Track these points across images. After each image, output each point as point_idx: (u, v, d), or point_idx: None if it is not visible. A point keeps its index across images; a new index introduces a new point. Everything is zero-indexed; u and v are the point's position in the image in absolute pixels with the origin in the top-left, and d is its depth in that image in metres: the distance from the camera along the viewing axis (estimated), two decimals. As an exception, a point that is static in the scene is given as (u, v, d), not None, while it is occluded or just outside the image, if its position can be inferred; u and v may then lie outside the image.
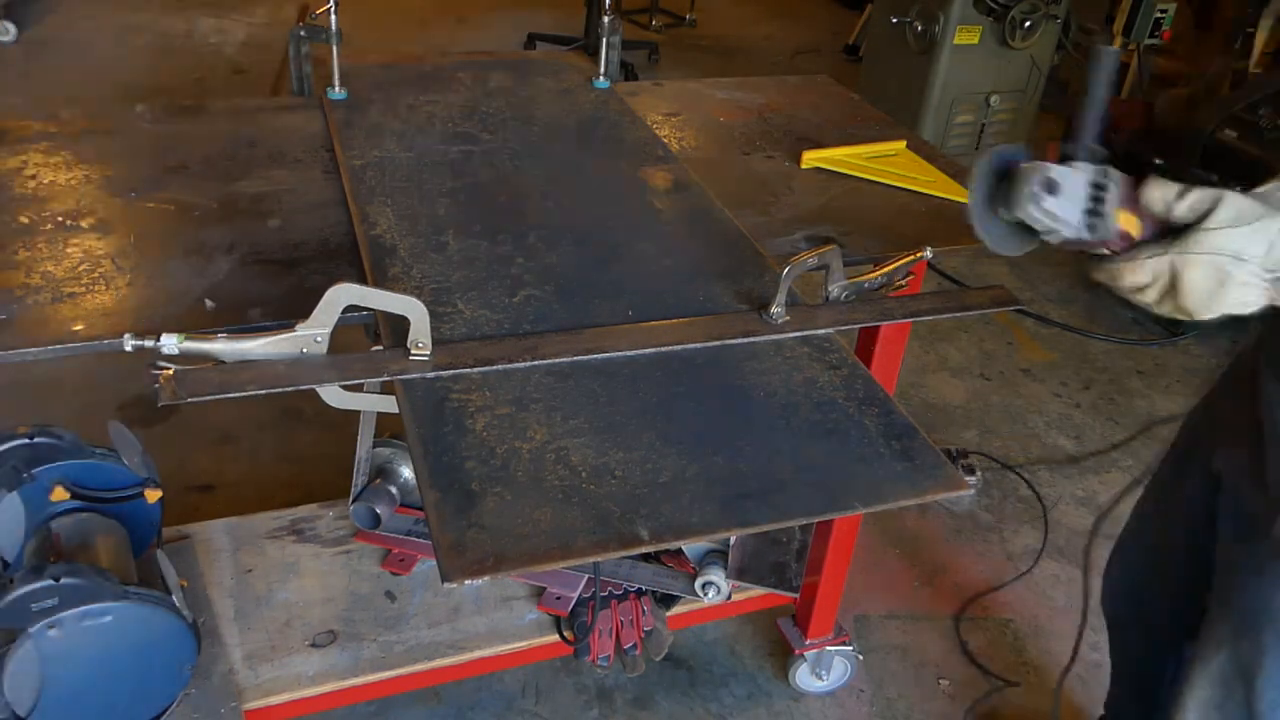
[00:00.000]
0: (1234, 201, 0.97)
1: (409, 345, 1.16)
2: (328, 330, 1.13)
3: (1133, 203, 1.03)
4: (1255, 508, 1.26)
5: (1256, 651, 1.29)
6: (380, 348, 1.18)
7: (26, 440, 1.61)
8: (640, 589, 1.93)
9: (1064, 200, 1.03)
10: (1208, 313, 1.00)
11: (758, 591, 1.97)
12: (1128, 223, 1.03)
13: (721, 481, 1.06)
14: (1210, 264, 0.96)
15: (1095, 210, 1.03)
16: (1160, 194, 0.99)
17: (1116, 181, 1.02)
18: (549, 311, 1.29)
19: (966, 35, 3.93)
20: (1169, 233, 0.99)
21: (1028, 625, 2.37)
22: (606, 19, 1.96)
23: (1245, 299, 0.98)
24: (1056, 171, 1.03)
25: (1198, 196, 0.97)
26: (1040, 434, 3.05)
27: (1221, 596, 1.37)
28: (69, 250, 1.33)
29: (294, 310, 1.17)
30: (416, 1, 6.24)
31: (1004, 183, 1.08)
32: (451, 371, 1.16)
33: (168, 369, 1.08)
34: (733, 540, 1.86)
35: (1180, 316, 1.03)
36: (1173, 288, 0.99)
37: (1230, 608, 1.35)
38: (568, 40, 5.38)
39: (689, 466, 1.07)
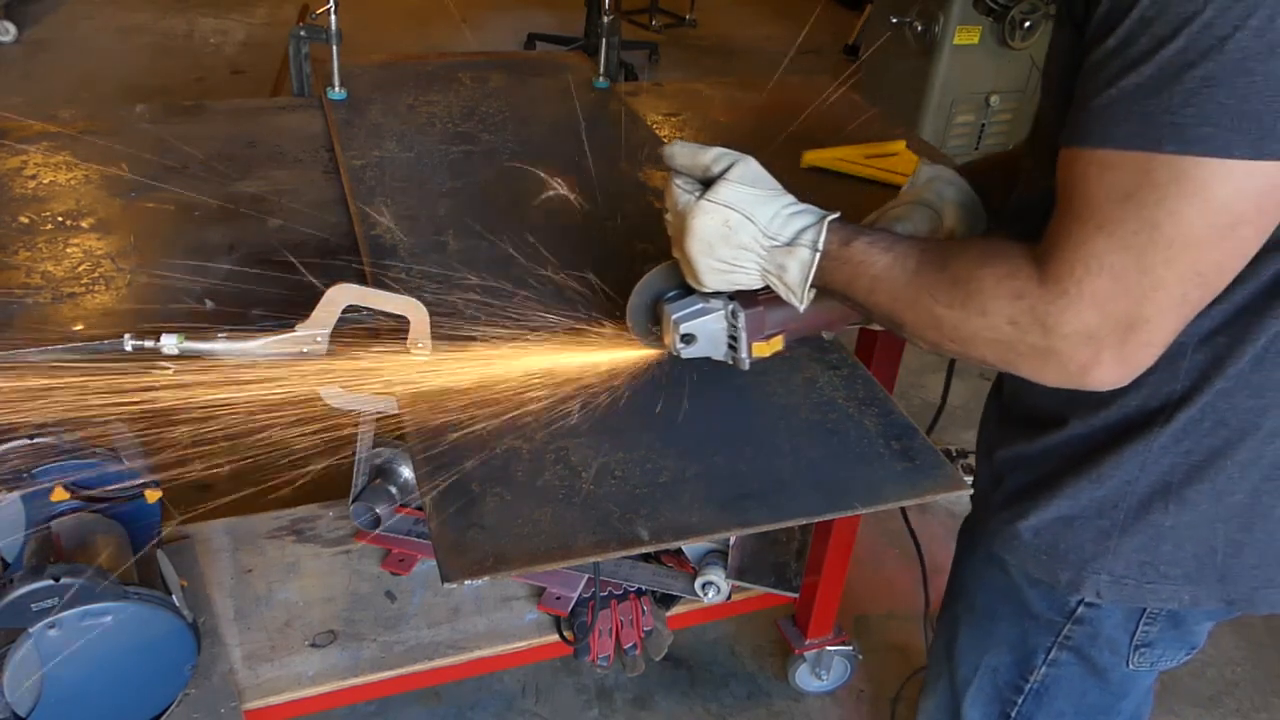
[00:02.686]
0: (753, 165, 1.00)
1: (409, 345, 1.16)
2: (328, 330, 1.13)
3: (761, 331, 1.10)
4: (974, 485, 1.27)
5: (954, 625, 1.27)
6: (380, 348, 1.18)
7: (26, 440, 1.61)
8: (640, 589, 1.93)
9: (703, 345, 1.12)
10: (706, 267, 1.02)
11: (758, 591, 1.97)
12: (762, 350, 1.11)
13: (721, 481, 1.06)
14: (720, 214, 0.98)
15: (733, 346, 1.11)
16: (686, 151, 1.02)
17: (743, 322, 1.09)
18: (549, 312, 1.29)
19: (966, 35, 3.92)
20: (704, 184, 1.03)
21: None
22: (606, 19, 1.96)
23: (741, 263, 1.01)
24: (688, 325, 1.11)
25: (722, 152, 1.01)
26: (1040, 434, 3.04)
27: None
28: (69, 250, 1.33)
29: (294, 310, 1.17)
30: (416, 1, 6.24)
31: (657, 303, 1.16)
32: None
33: (168, 369, 1.08)
34: (733, 540, 1.86)
35: (686, 270, 1.07)
36: (685, 230, 1.02)
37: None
38: (568, 40, 5.38)
39: (689, 466, 1.07)
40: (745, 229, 0.99)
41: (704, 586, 1.89)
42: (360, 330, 1.16)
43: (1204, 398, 0.94)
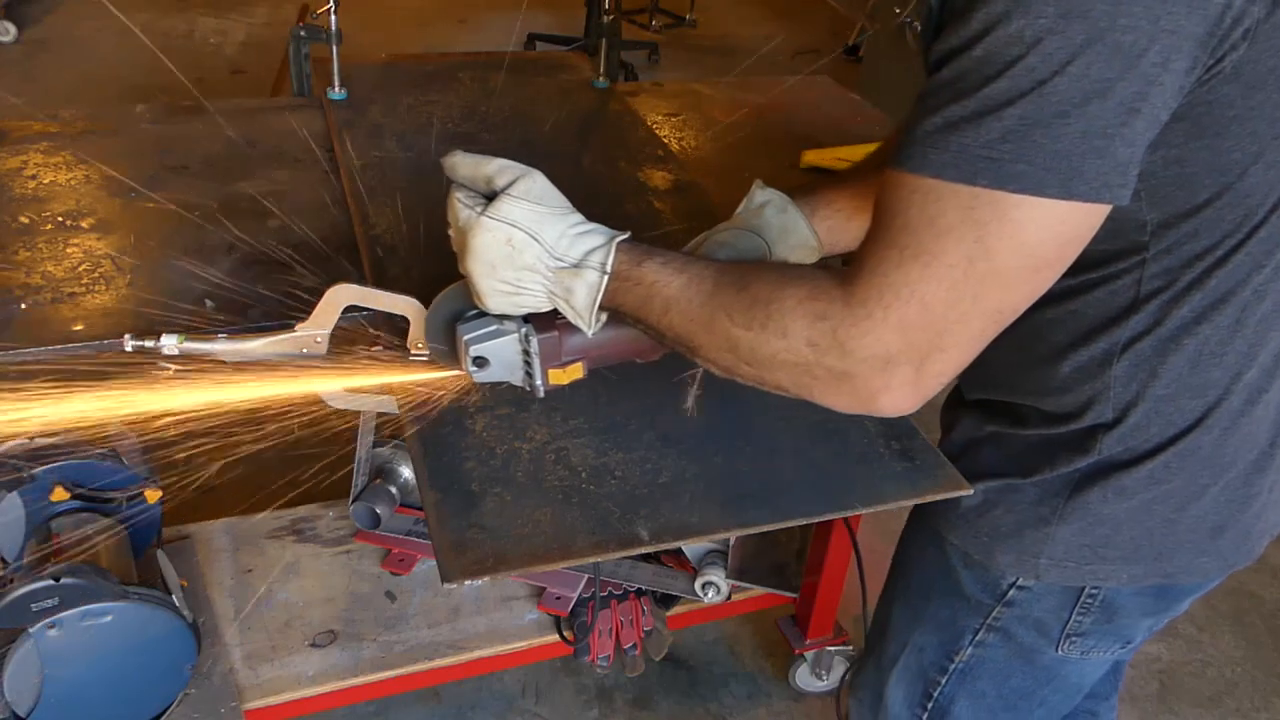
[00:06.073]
0: (540, 179, 0.95)
1: (409, 345, 1.16)
2: (328, 330, 1.13)
3: (557, 357, 1.01)
4: None
5: (889, 602, 1.31)
6: (380, 347, 1.18)
7: (26, 440, 1.61)
8: (640, 589, 1.93)
9: (497, 369, 1.03)
10: (489, 288, 0.94)
11: (758, 591, 1.97)
12: (560, 378, 1.02)
13: (721, 481, 1.06)
14: (503, 232, 0.91)
15: (529, 372, 1.02)
16: (468, 161, 0.96)
17: (535, 348, 1.00)
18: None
19: (966, 35, 3.93)
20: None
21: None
22: (606, 19, 1.96)
23: (525, 284, 0.94)
24: (479, 348, 1.02)
25: (506, 164, 0.94)
26: (1040, 434, 3.04)
27: None
28: (69, 250, 1.33)
29: (294, 310, 1.17)
30: (416, 2, 6.24)
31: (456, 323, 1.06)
32: (451, 371, 1.15)
33: (168, 369, 1.08)
34: (733, 540, 1.86)
35: (472, 291, 0.97)
36: (465, 248, 0.95)
37: None
38: (568, 40, 5.38)
39: (689, 466, 1.07)
40: (530, 249, 0.92)
41: (704, 586, 1.89)
42: (360, 330, 1.16)
43: (1146, 405, 0.96)
